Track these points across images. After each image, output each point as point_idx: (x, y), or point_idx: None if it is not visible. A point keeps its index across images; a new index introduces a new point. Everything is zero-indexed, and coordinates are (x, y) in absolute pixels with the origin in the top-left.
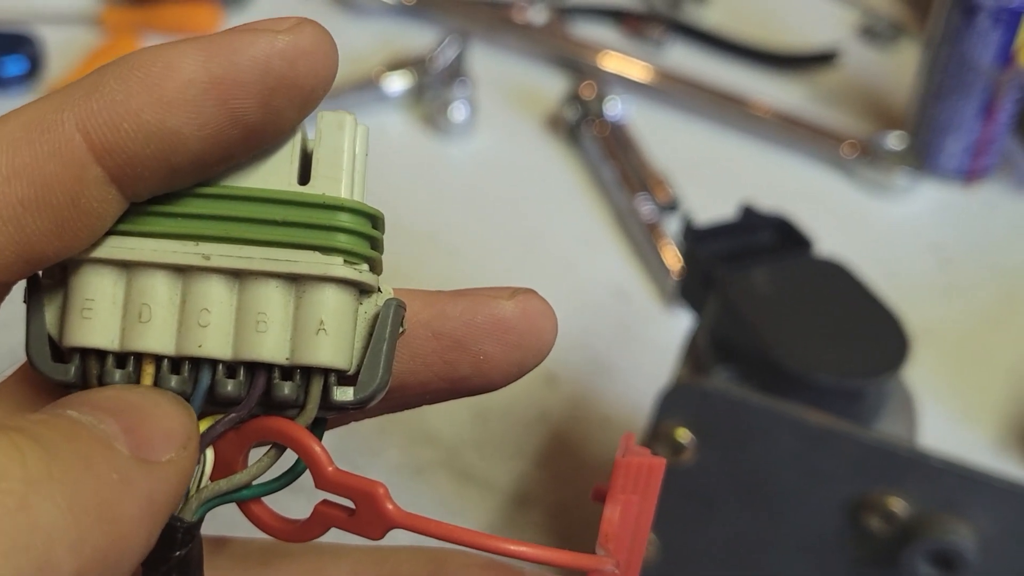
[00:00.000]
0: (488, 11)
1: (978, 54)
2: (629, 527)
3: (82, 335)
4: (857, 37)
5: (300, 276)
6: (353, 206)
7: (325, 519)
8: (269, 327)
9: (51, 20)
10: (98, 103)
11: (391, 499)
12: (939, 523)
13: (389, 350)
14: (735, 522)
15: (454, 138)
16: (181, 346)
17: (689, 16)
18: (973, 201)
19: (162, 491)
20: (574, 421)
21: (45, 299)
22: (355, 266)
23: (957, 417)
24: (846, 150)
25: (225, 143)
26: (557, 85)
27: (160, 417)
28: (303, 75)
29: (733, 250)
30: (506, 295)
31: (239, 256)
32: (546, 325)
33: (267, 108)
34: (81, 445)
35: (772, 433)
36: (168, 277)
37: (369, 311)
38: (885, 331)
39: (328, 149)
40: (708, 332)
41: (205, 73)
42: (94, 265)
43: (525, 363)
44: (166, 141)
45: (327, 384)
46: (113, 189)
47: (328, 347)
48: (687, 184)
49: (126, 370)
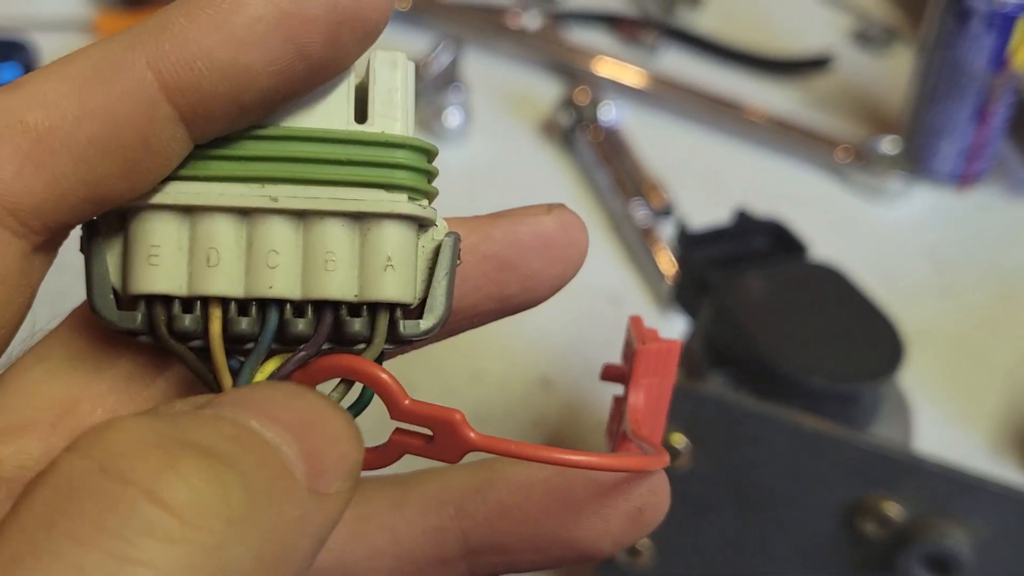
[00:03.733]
0: (482, 17)
1: (971, 58)
2: (651, 409)
3: (150, 282)
4: (850, 42)
5: (366, 214)
6: (412, 143)
7: (402, 446)
8: (338, 265)
9: (45, 26)
10: (170, 42)
11: (469, 424)
12: (934, 527)
13: (450, 282)
14: (730, 526)
15: (448, 143)
16: (251, 288)
17: (683, 21)
18: (967, 205)
19: (328, 528)
20: (569, 426)
21: (105, 247)
22: (418, 202)
23: (952, 421)
24: (840, 154)
25: (292, 78)
26: (551, 90)
27: (334, 440)
28: (366, 7)
29: (728, 255)
30: (543, 211)
31: (306, 196)
32: (582, 236)
33: (333, 42)
34: (271, 477)
35: (767, 437)
36: (233, 220)
37: (427, 245)
38: (880, 335)
39: (383, 88)
40: (703, 337)
41: (274, 8)
42: (158, 211)
43: (566, 275)
44: (238, 78)
45: (393, 318)
46: (182, 128)
47: (395, 282)
48: (681, 189)
49: (194, 314)
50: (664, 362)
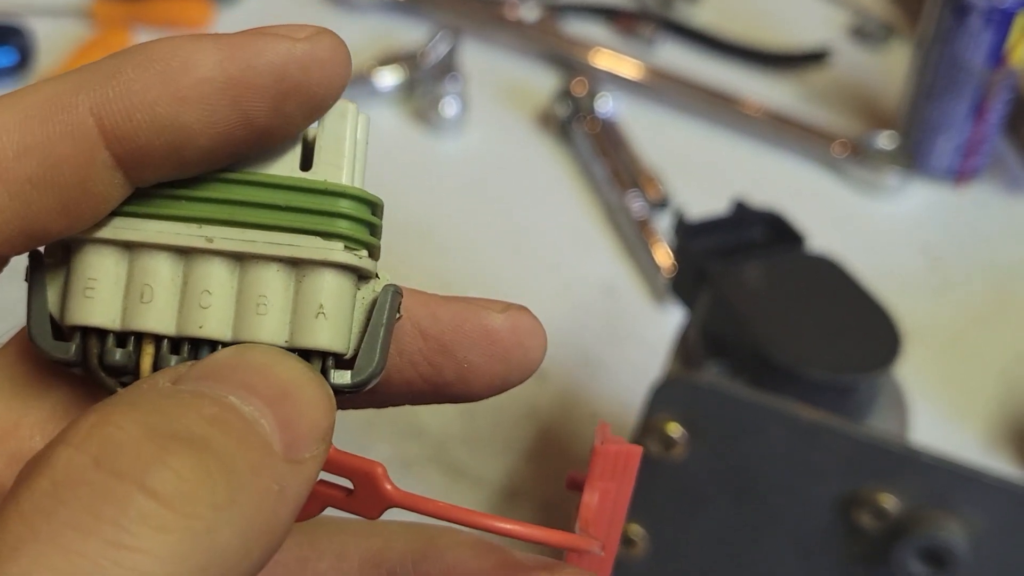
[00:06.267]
0: (480, 7)
1: (969, 54)
2: (607, 513)
3: (84, 314)
4: (848, 37)
5: (301, 260)
6: (354, 192)
7: (323, 498)
8: (269, 310)
9: (42, 12)
10: (115, 90)
11: (389, 479)
12: (930, 520)
13: (386, 335)
14: (725, 517)
15: (445, 133)
16: (182, 326)
17: (680, 14)
18: (964, 201)
19: (304, 492)
20: (563, 417)
21: (47, 277)
22: (355, 252)
23: (947, 414)
24: (837, 149)
25: (234, 141)
26: (548, 82)
27: (309, 408)
28: (316, 84)
29: (725, 245)
30: (498, 308)
31: (242, 239)
32: (534, 343)
33: (278, 112)
34: (252, 455)
35: (763, 428)
36: (170, 258)
37: (366, 297)
38: (877, 327)
39: (331, 137)
40: (700, 327)
41: (222, 72)
42: (98, 245)
43: (509, 377)
44: (177, 135)
45: (324, 367)
46: (120, 174)
47: (327, 331)
48: (677, 182)
49: (126, 349)
50: (623, 467)
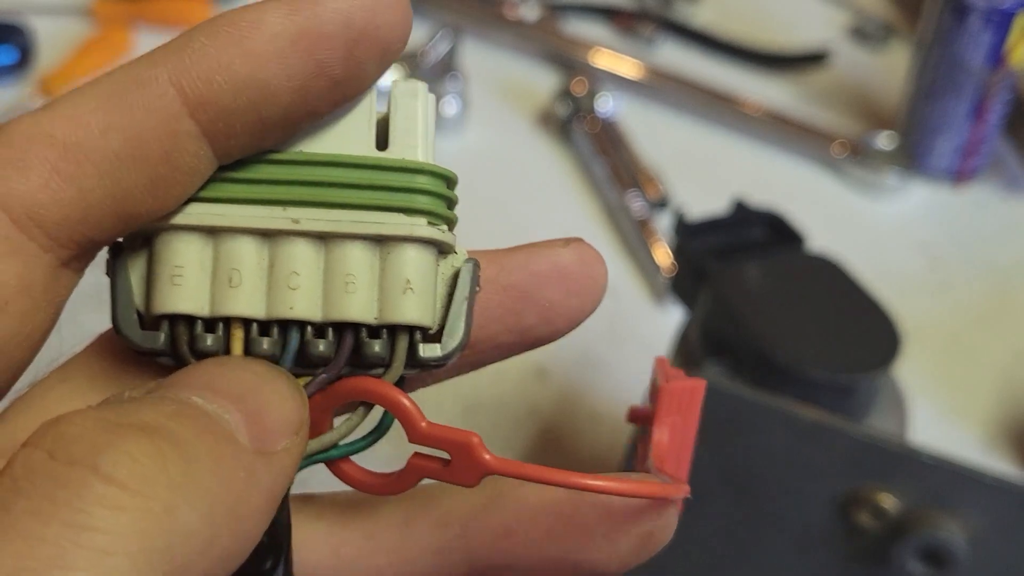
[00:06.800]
0: (480, 6)
1: (969, 55)
2: (676, 447)
3: (173, 302)
4: (848, 37)
5: (386, 237)
6: (431, 168)
7: (419, 471)
8: (358, 287)
9: (42, 11)
10: (191, 58)
11: (486, 447)
12: (929, 519)
13: (469, 307)
14: (725, 516)
15: (445, 132)
16: (272, 309)
17: (680, 14)
18: (963, 201)
19: (280, 482)
20: (564, 416)
21: (129, 268)
22: (437, 226)
23: (946, 414)
24: (836, 149)
25: (311, 95)
26: (548, 81)
27: (276, 403)
28: (383, 27)
29: (725, 245)
30: (561, 244)
31: (327, 219)
32: (600, 270)
33: (350, 60)
34: (212, 442)
35: (763, 427)
36: (255, 242)
37: (446, 271)
38: (876, 327)
39: (404, 115)
40: (699, 326)
41: (292, 25)
42: (181, 232)
43: (584, 307)
44: (257, 92)
45: (412, 342)
46: (205, 144)
47: (414, 305)
48: (677, 181)
49: (216, 335)
50: (688, 400)
